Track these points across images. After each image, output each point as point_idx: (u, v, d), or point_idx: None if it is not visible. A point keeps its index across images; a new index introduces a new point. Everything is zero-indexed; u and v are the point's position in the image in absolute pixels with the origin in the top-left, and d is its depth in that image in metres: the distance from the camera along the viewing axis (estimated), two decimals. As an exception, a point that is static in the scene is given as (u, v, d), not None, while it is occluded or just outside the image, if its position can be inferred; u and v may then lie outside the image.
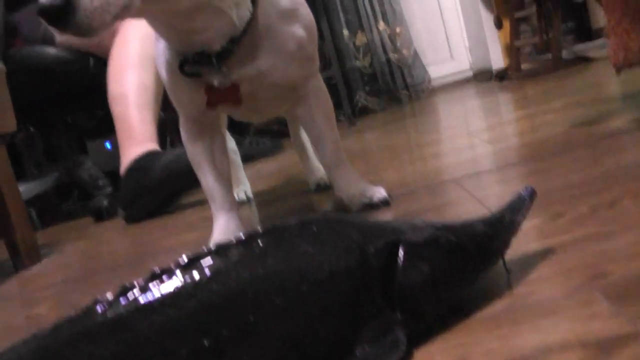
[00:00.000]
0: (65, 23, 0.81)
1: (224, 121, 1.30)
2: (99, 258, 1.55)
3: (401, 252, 0.57)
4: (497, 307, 0.62)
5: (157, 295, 0.50)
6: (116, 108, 2.18)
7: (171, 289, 0.51)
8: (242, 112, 1.24)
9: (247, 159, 2.63)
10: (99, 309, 0.50)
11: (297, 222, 0.56)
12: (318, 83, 1.23)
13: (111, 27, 0.89)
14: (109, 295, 0.51)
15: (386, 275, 0.56)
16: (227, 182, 1.21)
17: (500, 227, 0.65)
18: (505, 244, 0.66)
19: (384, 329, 0.55)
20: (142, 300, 0.50)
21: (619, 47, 1.27)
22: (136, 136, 2.13)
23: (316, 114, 1.23)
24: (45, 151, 3.36)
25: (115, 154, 3.02)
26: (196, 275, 0.51)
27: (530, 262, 0.71)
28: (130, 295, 0.50)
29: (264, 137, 3.25)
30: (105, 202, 2.36)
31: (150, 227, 1.83)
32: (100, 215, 2.34)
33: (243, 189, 1.79)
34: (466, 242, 0.61)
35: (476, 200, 1.05)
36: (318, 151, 1.28)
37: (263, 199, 1.78)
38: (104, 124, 3.28)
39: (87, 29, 0.83)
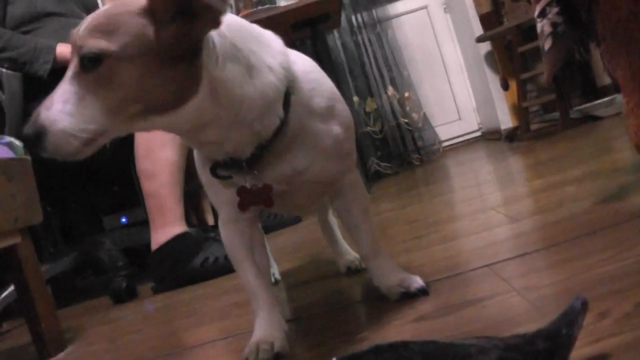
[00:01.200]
0: (38, 149, 0.92)
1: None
2: (127, 349, 1.55)
3: (472, 378, 0.60)
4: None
5: None
6: (147, 185, 2.33)
7: None
8: (278, 207, 1.27)
9: (266, 230, 2.66)
10: None
11: (371, 350, 0.58)
12: (354, 176, 1.25)
13: (95, 149, 0.95)
14: None
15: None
16: (267, 277, 1.23)
17: (559, 342, 0.67)
18: (566, 357, 0.68)
19: None
20: None
21: (639, 129, 1.30)
22: (168, 215, 2.31)
23: (353, 206, 1.26)
24: (62, 228, 3.38)
25: (131, 230, 3.05)
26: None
27: (588, 370, 0.72)
28: None
29: (282, 209, 3.28)
30: (124, 284, 2.38)
31: (177, 313, 1.83)
32: (120, 298, 2.35)
33: (271, 271, 1.81)
34: (530, 361, 0.63)
35: (515, 292, 1.07)
36: (355, 241, 1.30)
37: (291, 281, 1.79)
38: (120, 199, 3.31)
39: (57, 154, 0.92)
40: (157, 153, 2.29)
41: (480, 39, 4.16)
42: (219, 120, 0.98)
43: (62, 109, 0.91)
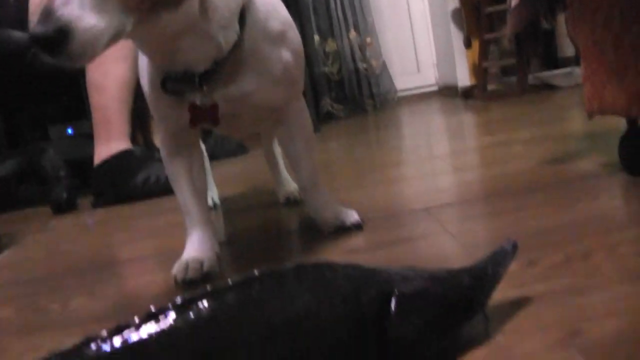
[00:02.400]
0: (57, 52, 0.79)
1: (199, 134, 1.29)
2: (62, 257, 1.53)
3: (393, 303, 0.59)
4: (477, 356, 0.63)
5: (152, 336, 0.50)
6: (96, 98, 2.28)
7: (167, 331, 0.50)
8: (222, 128, 1.24)
9: (211, 158, 2.63)
10: (92, 347, 0.49)
11: (293, 268, 0.57)
12: (300, 105, 1.23)
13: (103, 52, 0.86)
14: (103, 333, 0.50)
15: (379, 325, 0.58)
16: (203, 198, 1.20)
17: (483, 280, 0.66)
18: (488, 296, 0.67)
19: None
20: (136, 339, 0.50)
21: (594, 96, 1.30)
22: (113, 131, 2.28)
23: (296, 135, 1.23)
24: (6, 132, 3.31)
25: (77, 142, 3.00)
26: (192, 317, 0.51)
27: (508, 311, 0.72)
28: (124, 334, 0.50)
29: (229, 138, 3.25)
30: (64, 194, 2.34)
31: (114, 228, 1.81)
32: (60, 208, 2.32)
33: (210, 194, 1.79)
34: (453, 294, 0.63)
35: (449, 235, 1.07)
36: (294, 171, 1.28)
37: (230, 206, 1.78)
38: (68, 110, 3.25)
39: (79, 58, 0.81)
40: (109, 67, 2.24)
41: (449, -6, 4.13)
42: (196, 27, 0.96)
43: (82, 4, 0.79)
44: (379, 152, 2.33)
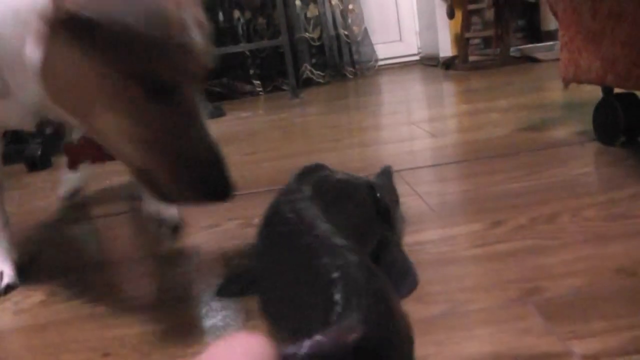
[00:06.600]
0: None
1: None
2: (35, 213, 1.51)
3: (377, 188, 0.85)
4: (434, 311, 0.63)
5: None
6: None
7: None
8: None
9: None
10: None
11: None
12: None
13: None
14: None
15: (375, 199, 0.83)
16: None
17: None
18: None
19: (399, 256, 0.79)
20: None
21: (570, 63, 1.30)
22: None
23: None
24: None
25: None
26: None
27: (469, 269, 0.72)
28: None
29: (206, 102, 3.22)
30: (39, 152, 2.31)
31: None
32: (34, 165, 2.28)
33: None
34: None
35: (417, 196, 1.06)
36: None
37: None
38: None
39: None
40: None
41: (434, -38, 4.09)
42: None
43: None
44: (355, 117, 2.32)
